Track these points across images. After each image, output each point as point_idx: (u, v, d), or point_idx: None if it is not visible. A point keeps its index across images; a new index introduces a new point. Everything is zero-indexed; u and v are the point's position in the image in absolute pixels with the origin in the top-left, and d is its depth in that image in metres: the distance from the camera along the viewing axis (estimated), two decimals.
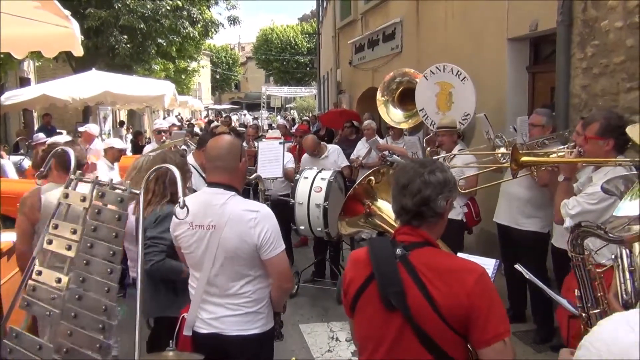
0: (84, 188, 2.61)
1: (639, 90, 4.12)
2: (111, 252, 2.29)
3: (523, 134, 4.51)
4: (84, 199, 2.45)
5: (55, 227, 2.45)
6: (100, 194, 2.42)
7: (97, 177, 2.60)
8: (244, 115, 36.62)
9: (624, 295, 1.65)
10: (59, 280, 2.32)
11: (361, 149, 7.53)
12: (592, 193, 3.10)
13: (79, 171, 2.81)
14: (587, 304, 1.62)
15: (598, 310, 1.61)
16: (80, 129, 9.08)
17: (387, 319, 1.83)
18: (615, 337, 0.96)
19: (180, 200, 2.14)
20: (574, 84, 4.97)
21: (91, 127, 8.66)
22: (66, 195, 2.50)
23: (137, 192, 2.40)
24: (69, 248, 2.35)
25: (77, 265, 2.32)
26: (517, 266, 2.39)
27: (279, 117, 32.84)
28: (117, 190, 2.42)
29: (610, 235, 1.53)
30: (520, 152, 3.43)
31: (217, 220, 2.46)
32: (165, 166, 2.67)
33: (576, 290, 1.66)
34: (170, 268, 2.94)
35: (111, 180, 2.55)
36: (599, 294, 1.62)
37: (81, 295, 2.25)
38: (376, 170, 3.22)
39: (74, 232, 2.39)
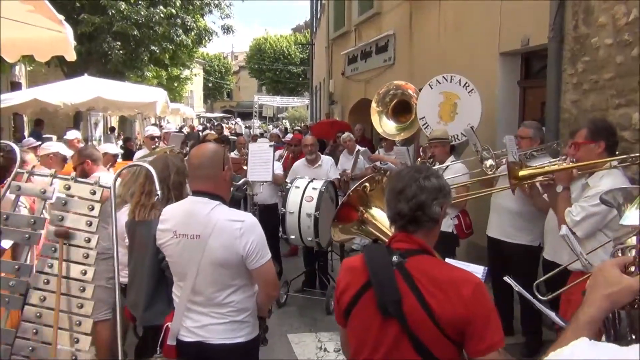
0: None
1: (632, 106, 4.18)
2: (86, 238, 2.64)
3: (513, 152, 4.52)
4: (44, 192, 2.71)
5: (7, 218, 2.72)
6: (66, 186, 2.69)
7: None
8: (236, 123, 36.62)
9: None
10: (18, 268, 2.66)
11: (345, 162, 7.49)
12: (593, 195, 3.08)
13: (33, 166, 3.05)
14: None
15: None
16: (66, 137, 8.63)
17: (383, 326, 1.83)
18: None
19: (159, 192, 2.25)
20: (565, 99, 5.02)
21: (70, 135, 8.19)
22: (18, 188, 2.76)
23: (108, 186, 2.57)
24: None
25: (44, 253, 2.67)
26: (506, 278, 2.39)
27: (271, 126, 32.89)
28: (83, 185, 2.71)
29: None
30: (516, 168, 3.45)
31: (202, 229, 2.43)
32: (138, 164, 2.75)
33: None
34: None
35: (75, 174, 2.75)
36: None
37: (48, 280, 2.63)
38: (371, 178, 3.22)
39: (33, 222, 2.69)
